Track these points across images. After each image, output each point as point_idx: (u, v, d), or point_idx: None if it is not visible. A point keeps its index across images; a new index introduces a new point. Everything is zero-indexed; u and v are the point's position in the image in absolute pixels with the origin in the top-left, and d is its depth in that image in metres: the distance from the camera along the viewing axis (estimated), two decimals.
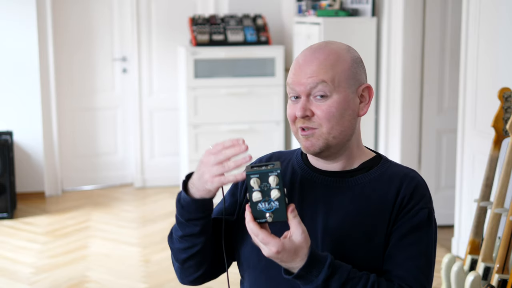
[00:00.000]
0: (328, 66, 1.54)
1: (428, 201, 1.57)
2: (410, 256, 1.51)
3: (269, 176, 1.41)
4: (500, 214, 3.12)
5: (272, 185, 1.41)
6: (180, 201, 1.54)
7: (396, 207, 1.54)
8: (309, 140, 1.55)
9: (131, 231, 5.01)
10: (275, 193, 1.41)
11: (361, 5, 4.88)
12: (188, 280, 1.67)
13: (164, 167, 6.23)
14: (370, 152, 1.66)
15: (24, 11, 5.61)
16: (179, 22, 6.08)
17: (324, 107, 1.54)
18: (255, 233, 1.43)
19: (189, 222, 1.55)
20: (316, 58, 1.56)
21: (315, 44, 1.61)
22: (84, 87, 6.10)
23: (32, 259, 4.41)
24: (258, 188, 1.42)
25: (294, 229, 1.42)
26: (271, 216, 1.42)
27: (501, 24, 3.79)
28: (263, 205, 1.42)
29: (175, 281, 4.02)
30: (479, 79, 4.00)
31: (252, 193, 1.42)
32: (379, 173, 1.59)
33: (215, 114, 5.55)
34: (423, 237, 1.54)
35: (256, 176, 1.42)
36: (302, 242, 1.42)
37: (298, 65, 1.57)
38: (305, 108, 1.54)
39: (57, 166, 5.94)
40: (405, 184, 1.56)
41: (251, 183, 1.42)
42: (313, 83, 1.54)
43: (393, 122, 4.80)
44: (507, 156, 3.10)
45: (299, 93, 1.56)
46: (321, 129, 1.54)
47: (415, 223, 1.53)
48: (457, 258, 4.14)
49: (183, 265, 1.63)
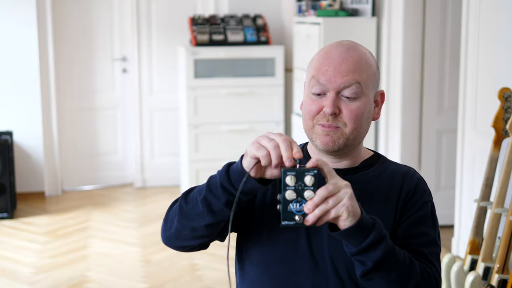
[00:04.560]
0: (362, 68, 1.54)
1: (430, 195, 1.62)
2: (424, 244, 1.54)
3: (306, 175, 1.35)
4: (500, 214, 3.12)
5: (307, 185, 1.36)
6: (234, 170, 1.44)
7: (400, 203, 1.57)
8: (329, 136, 1.54)
9: (131, 231, 5.01)
10: (309, 194, 1.35)
11: (361, 5, 4.88)
12: (174, 245, 1.60)
13: (164, 167, 6.23)
14: (369, 151, 1.68)
15: (24, 11, 5.61)
16: (179, 22, 6.08)
17: (353, 107, 1.53)
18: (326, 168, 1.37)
19: (223, 190, 1.45)
20: (351, 56, 1.54)
21: (345, 41, 1.59)
22: (84, 87, 6.10)
23: (32, 259, 4.41)
24: (293, 186, 1.36)
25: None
26: (300, 219, 1.35)
27: (501, 24, 3.79)
28: (294, 206, 1.36)
29: (175, 281, 4.02)
30: (479, 79, 4.00)
31: (286, 191, 1.35)
32: (379, 171, 1.62)
33: (215, 114, 5.55)
34: (432, 227, 1.58)
35: (293, 174, 1.35)
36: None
37: (331, 60, 1.54)
38: (335, 105, 1.53)
39: (57, 166, 5.94)
40: (407, 180, 1.60)
41: (286, 180, 1.35)
42: (348, 82, 1.52)
43: (393, 122, 4.80)
44: (507, 156, 3.10)
45: (329, 89, 1.53)
46: (344, 128, 1.54)
47: (422, 214, 1.57)
48: (457, 258, 4.14)
49: (183, 231, 1.55)
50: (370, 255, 1.40)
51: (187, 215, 1.52)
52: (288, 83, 5.78)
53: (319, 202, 1.35)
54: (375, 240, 1.40)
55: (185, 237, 1.55)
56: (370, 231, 1.40)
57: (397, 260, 1.44)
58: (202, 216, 1.49)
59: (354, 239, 1.39)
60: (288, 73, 5.77)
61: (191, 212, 1.51)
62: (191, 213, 1.51)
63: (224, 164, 1.49)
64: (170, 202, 5.72)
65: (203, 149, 5.54)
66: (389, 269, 1.43)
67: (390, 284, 1.44)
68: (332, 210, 1.35)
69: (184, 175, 5.74)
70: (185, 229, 1.53)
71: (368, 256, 1.40)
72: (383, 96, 1.63)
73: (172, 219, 1.57)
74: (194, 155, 5.53)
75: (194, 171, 5.53)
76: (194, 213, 1.50)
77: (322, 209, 1.35)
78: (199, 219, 1.50)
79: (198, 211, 1.49)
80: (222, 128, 5.57)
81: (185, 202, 1.53)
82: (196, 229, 1.52)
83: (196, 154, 5.53)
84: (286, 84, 5.78)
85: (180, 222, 1.53)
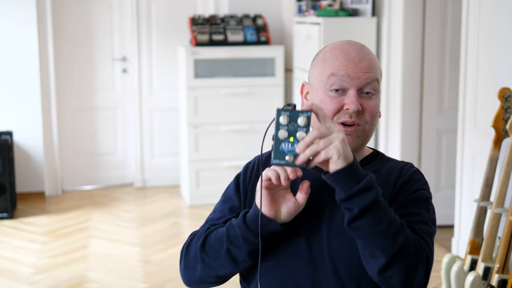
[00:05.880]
0: (376, 66, 1.58)
1: (426, 184, 1.60)
2: (413, 221, 1.51)
3: (299, 116, 1.38)
4: (500, 214, 3.12)
5: (300, 125, 1.37)
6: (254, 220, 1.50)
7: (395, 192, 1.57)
8: (350, 136, 1.55)
9: (131, 231, 5.01)
10: (301, 134, 1.37)
11: (361, 5, 4.88)
12: (198, 287, 1.65)
13: (164, 167, 6.23)
14: (368, 149, 1.69)
15: (24, 11, 5.61)
16: (179, 22, 6.08)
17: (372, 104, 1.56)
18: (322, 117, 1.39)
19: (245, 241, 1.51)
20: (368, 55, 1.56)
21: (352, 41, 1.60)
22: (84, 87, 6.10)
23: (32, 259, 4.41)
24: (286, 126, 1.38)
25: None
26: (291, 159, 1.38)
27: (501, 24, 3.79)
28: (286, 145, 1.38)
29: (175, 281, 4.02)
30: (479, 79, 4.00)
31: (279, 130, 1.38)
32: (378, 167, 1.63)
33: (215, 114, 5.56)
34: (424, 210, 1.55)
35: (287, 114, 1.38)
36: None
37: (350, 58, 1.55)
38: (359, 102, 1.54)
39: (57, 166, 5.94)
40: (403, 173, 1.60)
41: (280, 120, 1.38)
42: (370, 79, 1.54)
43: (393, 122, 4.80)
44: (507, 156, 3.10)
45: (350, 86, 1.54)
46: (364, 126, 1.56)
47: (415, 197, 1.55)
48: (457, 258, 4.14)
49: (207, 278, 1.59)
50: (358, 201, 1.38)
51: (211, 266, 1.56)
52: (288, 83, 5.78)
53: (310, 143, 1.36)
54: (365, 187, 1.38)
55: (210, 282, 1.61)
56: (361, 178, 1.39)
57: (386, 213, 1.41)
58: (226, 266, 1.55)
59: (343, 183, 1.38)
60: (288, 73, 5.77)
61: (215, 264, 1.55)
62: (214, 265, 1.55)
63: (240, 213, 1.53)
64: (170, 202, 5.75)
65: (203, 149, 5.54)
66: (377, 219, 1.39)
67: (376, 236, 1.40)
68: (323, 152, 1.36)
69: (184, 175, 5.74)
70: (210, 277, 1.59)
71: (355, 202, 1.38)
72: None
73: (194, 266, 1.59)
74: (194, 155, 5.53)
75: (194, 171, 5.53)
76: (217, 264, 1.55)
77: (313, 150, 1.36)
78: (224, 268, 1.55)
79: (221, 262, 1.54)
80: (222, 128, 5.57)
81: (205, 253, 1.56)
82: (221, 277, 1.58)
83: (196, 154, 5.53)
84: (286, 84, 5.78)
85: (204, 272, 1.58)
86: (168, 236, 4.87)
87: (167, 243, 4.72)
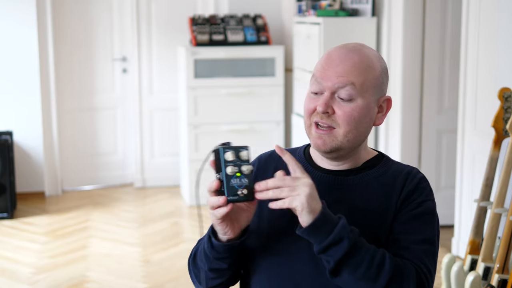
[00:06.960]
0: (360, 70, 1.54)
1: (431, 194, 1.60)
2: (415, 241, 1.52)
3: (241, 151, 1.44)
4: (500, 214, 3.12)
5: (243, 159, 1.44)
6: (210, 240, 1.56)
7: (400, 201, 1.56)
8: (322, 139, 1.55)
9: (131, 231, 5.01)
10: (246, 168, 1.43)
11: (361, 5, 4.88)
12: None
13: (164, 167, 6.23)
14: (373, 151, 1.68)
15: (24, 11, 5.61)
16: (179, 22, 6.08)
17: (347, 109, 1.54)
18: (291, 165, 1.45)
19: (218, 260, 1.57)
20: (351, 58, 1.55)
21: (350, 44, 1.60)
22: (84, 87, 6.10)
23: (32, 259, 4.41)
24: (232, 162, 1.43)
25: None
26: (243, 193, 1.42)
27: (501, 24, 3.79)
28: (235, 181, 1.43)
29: (175, 281, 4.02)
30: (479, 79, 4.00)
31: (227, 167, 1.43)
32: (382, 171, 1.61)
33: (215, 114, 5.55)
34: (428, 226, 1.55)
35: (231, 150, 1.44)
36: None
37: (330, 61, 1.56)
38: (328, 104, 1.54)
39: (57, 166, 5.94)
40: (409, 179, 1.59)
41: (226, 156, 1.43)
42: (341, 83, 1.53)
43: (393, 122, 4.80)
44: (507, 156, 3.10)
45: (324, 88, 1.55)
46: (338, 129, 1.55)
47: (419, 212, 1.55)
48: (457, 258, 4.14)
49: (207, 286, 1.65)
50: (332, 253, 1.43)
51: (206, 279, 1.62)
52: (288, 83, 5.78)
53: (271, 187, 1.42)
54: (335, 240, 1.42)
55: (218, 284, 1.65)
56: (331, 230, 1.42)
57: (364, 254, 1.44)
58: (220, 275, 1.60)
59: (314, 237, 1.43)
60: (288, 73, 5.77)
61: (209, 277, 1.61)
62: (208, 279, 1.61)
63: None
64: (170, 202, 5.76)
65: (203, 149, 5.54)
66: (354, 266, 1.43)
67: (358, 282, 1.44)
68: (287, 200, 1.41)
69: (184, 175, 5.74)
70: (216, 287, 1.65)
71: (330, 254, 1.43)
72: (389, 102, 1.62)
73: (197, 284, 1.67)
74: (194, 155, 5.53)
75: (194, 171, 5.53)
76: (211, 277, 1.60)
77: (276, 194, 1.42)
78: (221, 277, 1.61)
79: (213, 276, 1.60)
80: (222, 128, 5.57)
81: (197, 269, 1.63)
82: (224, 283, 1.63)
83: (196, 154, 5.53)
84: (286, 84, 5.78)
85: (207, 284, 1.63)
86: (168, 236, 4.87)
87: (167, 243, 4.72)
